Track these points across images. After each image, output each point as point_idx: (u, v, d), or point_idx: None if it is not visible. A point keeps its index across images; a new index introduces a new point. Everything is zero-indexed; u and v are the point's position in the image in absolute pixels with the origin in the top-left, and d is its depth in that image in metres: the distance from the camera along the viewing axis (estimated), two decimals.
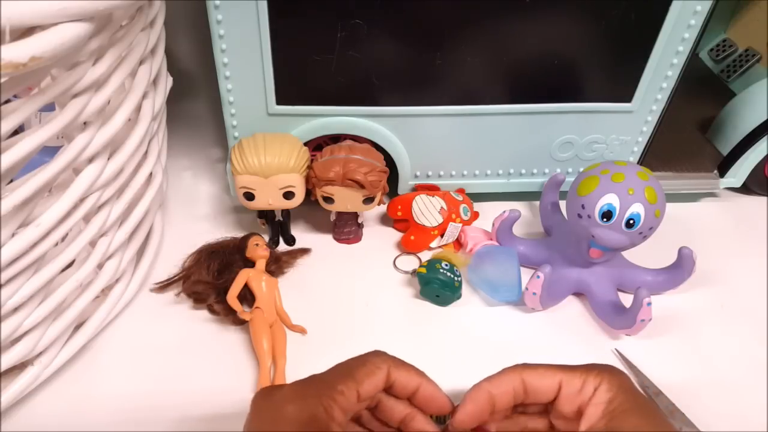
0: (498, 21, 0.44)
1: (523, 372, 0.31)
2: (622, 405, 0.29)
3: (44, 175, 0.31)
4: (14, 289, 0.33)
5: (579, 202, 0.44)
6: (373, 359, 0.32)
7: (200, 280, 0.46)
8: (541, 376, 0.31)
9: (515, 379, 0.31)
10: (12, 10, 0.25)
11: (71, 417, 0.39)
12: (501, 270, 0.48)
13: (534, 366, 0.32)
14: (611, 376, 0.30)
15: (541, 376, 0.31)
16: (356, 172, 0.46)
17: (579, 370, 0.31)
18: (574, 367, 0.31)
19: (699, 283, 0.50)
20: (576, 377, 0.31)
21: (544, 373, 0.31)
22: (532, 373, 0.31)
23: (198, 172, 0.60)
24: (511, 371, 0.32)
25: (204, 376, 0.42)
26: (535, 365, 0.32)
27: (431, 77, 0.47)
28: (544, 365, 0.32)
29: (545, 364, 0.32)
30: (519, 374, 0.31)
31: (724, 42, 0.71)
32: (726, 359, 0.46)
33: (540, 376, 0.31)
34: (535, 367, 0.32)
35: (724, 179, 0.59)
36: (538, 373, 0.31)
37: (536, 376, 0.31)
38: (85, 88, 0.32)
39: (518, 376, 0.31)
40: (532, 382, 0.31)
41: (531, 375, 0.31)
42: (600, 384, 0.30)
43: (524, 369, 0.32)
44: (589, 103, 0.50)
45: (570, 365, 0.32)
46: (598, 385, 0.30)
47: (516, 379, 0.31)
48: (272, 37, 0.43)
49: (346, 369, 0.31)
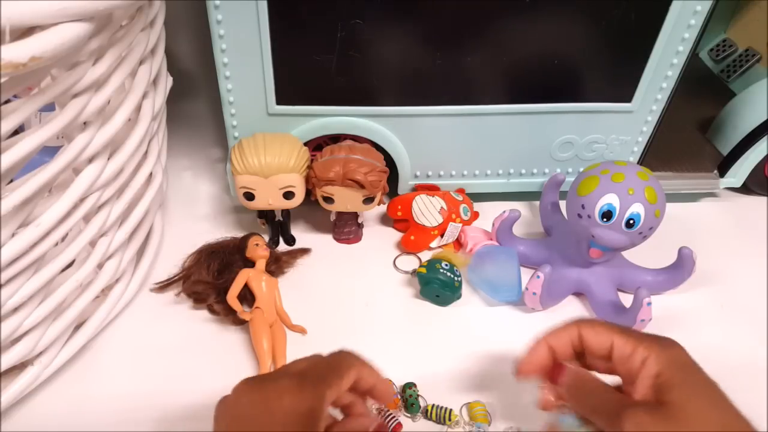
0: (498, 21, 0.44)
1: (581, 326, 0.33)
2: (669, 380, 0.29)
3: (44, 175, 0.31)
4: (14, 289, 0.33)
5: (579, 202, 0.44)
6: (348, 358, 0.33)
7: (200, 280, 0.46)
8: (597, 333, 0.32)
9: (573, 332, 0.33)
10: (12, 10, 0.25)
11: (71, 417, 0.39)
12: (501, 270, 0.48)
13: (591, 322, 0.33)
14: (660, 349, 0.31)
15: (597, 333, 0.32)
16: (356, 172, 0.46)
17: (633, 337, 0.32)
18: (629, 333, 0.32)
19: (699, 283, 0.50)
20: (628, 344, 0.31)
21: (600, 330, 0.32)
22: (589, 329, 0.33)
23: (198, 172, 0.60)
24: (571, 325, 0.33)
25: (204, 376, 0.42)
26: (592, 322, 0.33)
27: (431, 77, 0.47)
28: (601, 323, 0.33)
29: (603, 323, 0.33)
30: (577, 328, 0.33)
31: (724, 42, 0.71)
32: (726, 359, 0.46)
33: (596, 333, 0.32)
34: (593, 324, 0.33)
35: (724, 179, 0.59)
36: (594, 330, 0.33)
37: (592, 332, 0.33)
38: (85, 88, 0.32)
39: (576, 330, 0.33)
40: (588, 338, 0.33)
41: (588, 331, 0.33)
42: (648, 357, 0.30)
43: (583, 324, 0.33)
44: (589, 103, 0.50)
45: (627, 329, 0.33)
46: (646, 357, 0.31)
47: (574, 332, 0.33)
48: (272, 37, 0.43)
49: (330, 366, 0.32)
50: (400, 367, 0.43)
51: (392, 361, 0.44)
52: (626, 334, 0.32)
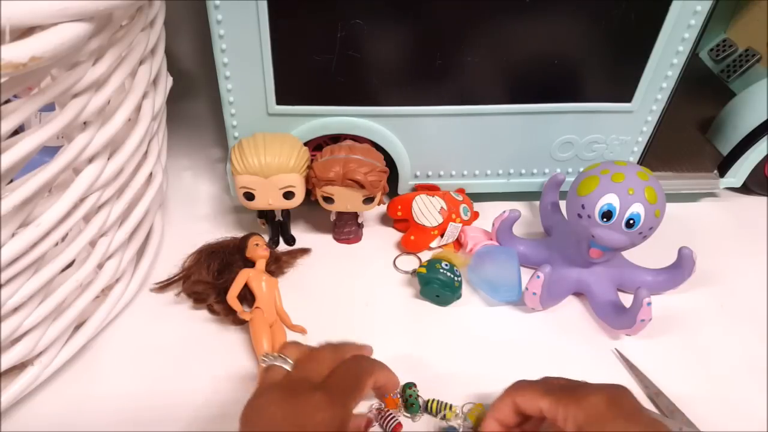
0: (498, 21, 0.44)
1: (514, 395, 0.35)
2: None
3: (44, 175, 0.31)
4: (14, 289, 0.33)
5: (579, 202, 0.44)
6: (366, 365, 0.36)
7: (200, 280, 0.46)
8: (526, 400, 0.34)
9: (509, 402, 0.35)
10: (12, 10, 0.25)
11: (71, 417, 0.39)
12: (501, 270, 0.48)
13: (523, 389, 0.35)
14: (576, 407, 0.32)
15: (526, 400, 0.34)
16: (356, 172, 0.46)
17: (554, 397, 0.33)
18: (551, 394, 0.33)
19: (699, 283, 0.50)
20: (551, 407, 0.33)
21: (528, 398, 0.34)
22: (520, 398, 0.35)
23: (198, 172, 0.60)
24: (507, 395, 0.35)
25: (204, 376, 0.42)
26: (525, 387, 0.35)
27: (431, 77, 0.47)
28: (532, 387, 0.35)
29: (533, 386, 0.35)
30: (511, 398, 0.35)
31: (724, 42, 0.71)
32: (726, 359, 0.46)
33: (525, 400, 0.34)
34: (523, 391, 0.35)
35: (724, 179, 0.59)
36: (524, 398, 0.34)
37: (523, 400, 0.35)
38: (85, 88, 0.32)
39: (511, 400, 0.35)
40: (522, 406, 0.35)
41: (519, 399, 0.35)
42: (567, 416, 0.32)
43: (516, 393, 0.35)
44: (589, 103, 0.50)
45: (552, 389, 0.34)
46: (566, 416, 0.32)
47: (510, 403, 0.35)
48: (272, 37, 0.43)
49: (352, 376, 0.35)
50: (399, 367, 0.43)
51: (392, 361, 0.44)
52: (548, 395, 0.33)
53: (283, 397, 0.32)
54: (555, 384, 0.35)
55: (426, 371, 0.43)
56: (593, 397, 0.32)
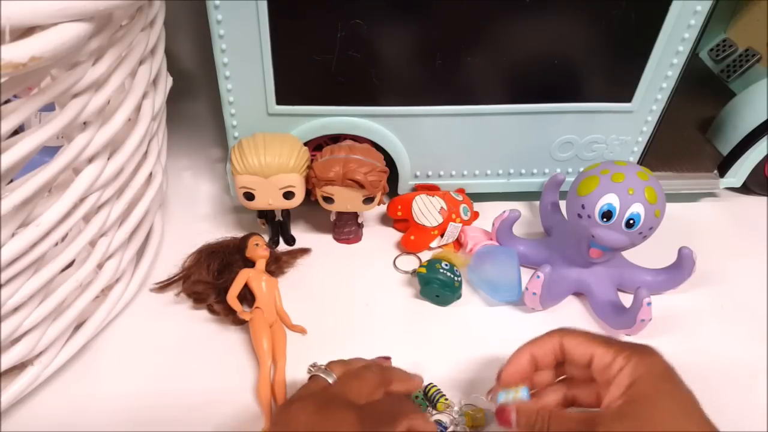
0: (498, 21, 0.44)
1: (563, 336, 0.34)
2: (642, 390, 0.30)
3: (44, 175, 0.31)
4: (14, 289, 0.33)
5: (579, 202, 0.44)
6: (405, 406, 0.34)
7: (200, 280, 0.46)
8: (578, 343, 0.33)
9: (555, 342, 0.34)
10: (12, 10, 0.25)
11: (71, 417, 0.39)
12: (501, 270, 0.48)
13: (573, 333, 0.34)
14: (640, 358, 0.32)
15: (578, 343, 0.33)
16: (356, 172, 0.46)
17: (613, 347, 0.33)
18: (609, 343, 0.33)
19: (699, 283, 0.50)
20: (608, 353, 0.32)
21: (581, 341, 0.33)
22: (571, 339, 0.34)
23: (198, 172, 0.60)
24: (553, 334, 0.35)
25: (204, 376, 0.42)
26: (574, 332, 0.34)
27: (431, 77, 0.47)
28: (583, 333, 0.34)
29: (585, 333, 0.34)
30: (559, 338, 0.34)
31: (724, 42, 0.71)
32: (726, 359, 0.46)
33: (577, 343, 0.33)
34: (575, 334, 0.34)
35: (724, 179, 0.59)
36: (576, 341, 0.34)
37: (574, 342, 0.34)
38: (85, 88, 0.32)
39: (558, 339, 0.34)
40: (569, 348, 0.34)
41: (569, 341, 0.34)
42: (625, 366, 0.31)
43: (564, 334, 0.34)
44: (589, 103, 0.50)
45: (609, 339, 0.34)
46: (624, 366, 0.31)
47: (556, 343, 0.34)
48: (272, 37, 0.43)
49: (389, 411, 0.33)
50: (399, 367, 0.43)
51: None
52: (607, 344, 0.33)
53: (316, 409, 0.32)
54: (607, 337, 0.34)
55: (426, 371, 0.43)
56: (656, 356, 0.32)
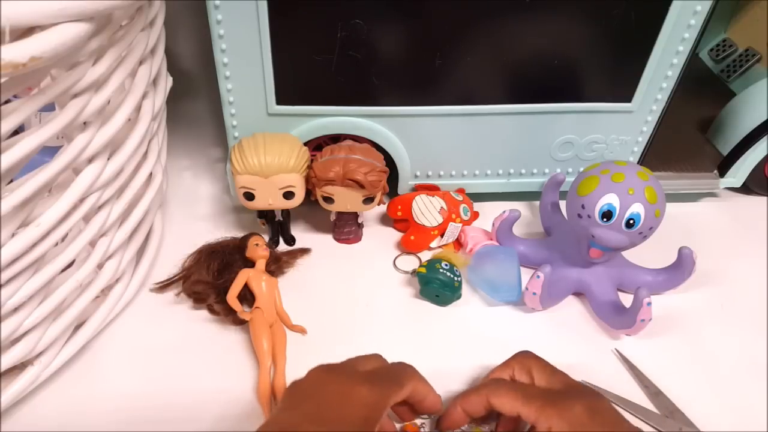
0: (498, 21, 0.44)
1: (489, 395, 0.35)
2: None
3: (44, 175, 0.31)
4: (14, 289, 0.33)
5: (579, 202, 0.44)
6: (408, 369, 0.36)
7: (200, 280, 0.46)
8: (503, 403, 0.35)
9: (483, 399, 0.35)
10: (12, 10, 0.25)
11: (71, 417, 0.39)
12: (501, 270, 0.48)
13: (499, 390, 0.35)
14: (560, 418, 0.32)
15: (503, 403, 0.35)
16: (356, 172, 0.46)
17: (535, 405, 0.33)
18: (532, 400, 0.34)
19: (699, 283, 0.50)
20: (531, 413, 0.33)
21: (505, 401, 0.35)
22: (496, 399, 0.35)
23: (198, 172, 0.60)
24: (481, 390, 0.36)
25: (204, 376, 0.42)
26: (500, 389, 0.35)
27: (431, 77, 0.47)
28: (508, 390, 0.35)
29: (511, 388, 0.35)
30: (486, 396, 0.35)
31: (724, 42, 0.71)
32: (726, 359, 0.46)
33: (502, 403, 0.35)
34: (500, 393, 0.35)
35: (724, 179, 0.59)
36: (501, 400, 0.35)
37: (499, 402, 0.35)
38: (85, 88, 0.32)
39: (485, 397, 0.35)
40: (497, 406, 0.35)
41: (494, 400, 0.35)
42: (553, 423, 0.32)
43: (490, 392, 0.35)
44: (589, 103, 0.50)
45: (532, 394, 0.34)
46: (552, 423, 0.32)
47: (483, 400, 0.35)
48: (272, 37, 0.43)
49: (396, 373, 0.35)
50: None
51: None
52: (529, 404, 0.34)
53: (330, 370, 0.33)
54: (533, 390, 0.35)
55: (426, 371, 0.43)
56: (576, 407, 0.32)
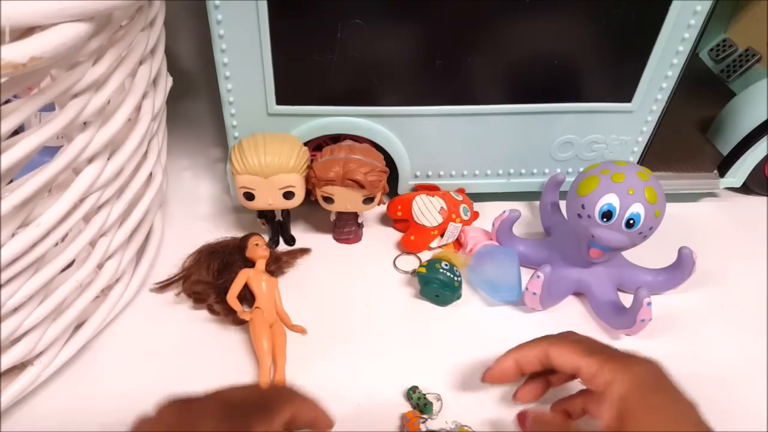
0: (498, 21, 0.44)
1: (548, 347, 0.34)
2: (632, 407, 0.30)
3: (44, 175, 0.31)
4: (14, 289, 0.33)
5: (579, 202, 0.44)
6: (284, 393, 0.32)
7: (200, 280, 0.46)
8: (563, 354, 0.33)
9: (541, 350, 0.34)
10: (12, 10, 0.25)
11: (71, 417, 0.39)
12: (501, 270, 0.48)
13: (560, 342, 0.34)
14: (624, 372, 0.31)
15: (563, 354, 0.33)
16: (356, 172, 0.46)
17: (598, 358, 0.32)
18: (594, 354, 0.33)
19: (699, 283, 0.50)
20: (592, 366, 0.32)
21: (566, 352, 0.33)
22: (556, 350, 0.34)
23: (198, 172, 0.60)
24: (539, 343, 0.35)
25: (204, 376, 0.42)
26: (561, 342, 0.34)
27: (431, 77, 0.47)
28: (570, 343, 0.34)
29: (571, 342, 0.34)
30: (545, 348, 0.34)
31: (724, 42, 0.71)
32: (726, 359, 0.46)
33: (561, 354, 0.33)
34: (560, 344, 0.34)
35: (724, 179, 0.59)
36: (560, 351, 0.33)
37: (558, 354, 0.33)
38: (85, 88, 0.32)
39: (543, 349, 0.34)
40: (554, 358, 0.34)
41: (554, 351, 0.34)
42: (612, 381, 0.31)
43: (551, 344, 0.34)
44: (589, 103, 0.50)
45: (593, 349, 0.33)
46: (611, 381, 0.31)
47: (541, 351, 0.34)
48: (272, 37, 0.43)
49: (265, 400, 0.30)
50: (399, 367, 0.43)
51: (392, 360, 0.44)
52: (591, 356, 0.33)
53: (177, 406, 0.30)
54: (594, 346, 0.34)
55: (426, 372, 0.43)
56: (641, 366, 0.32)
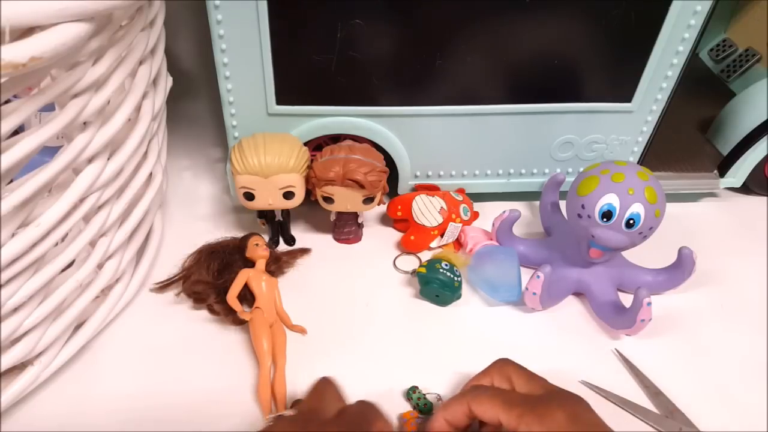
0: (498, 21, 0.44)
1: (470, 401, 0.35)
2: None
3: (44, 175, 0.31)
4: (14, 289, 0.33)
5: (579, 202, 0.44)
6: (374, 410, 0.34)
7: (200, 280, 0.46)
8: (484, 409, 0.34)
9: (465, 407, 0.35)
10: (12, 10, 0.25)
11: (71, 417, 0.39)
12: (501, 270, 0.48)
13: (480, 396, 0.35)
14: (543, 420, 0.32)
15: (484, 409, 0.34)
16: (356, 172, 0.46)
17: (516, 411, 0.33)
18: (512, 407, 0.33)
19: (699, 283, 0.50)
20: (512, 420, 0.33)
21: (486, 407, 0.34)
22: (476, 404, 0.34)
23: (198, 172, 0.60)
24: (462, 398, 0.35)
25: (204, 376, 0.42)
26: (481, 396, 0.35)
27: (431, 77, 0.47)
28: (489, 395, 0.35)
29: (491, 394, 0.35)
30: (467, 403, 0.35)
31: (724, 42, 0.71)
32: (726, 359, 0.46)
33: (482, 409, 0.34)
34: (481, 399, 0.35)
35: (724, 179, 0.59)
36: (482, 407, 0.34)
37: (480, 408, 0.34)
38: (85, 88, 0.32)
39: (467, 404, 0.35)
40: (477, 412, 0.34)
41: (476, 406, 0.34)
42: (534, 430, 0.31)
43: (472, 398, 0.35)
44: (589, 103, 0.50)
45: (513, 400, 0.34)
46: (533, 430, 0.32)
47: (465, 408, 0.35)
48: (272, 37, 0.43)
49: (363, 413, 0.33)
50: (399, 367, 0.43)
51: (392, 360, 0.44)
52: (510, 409, 0.33)
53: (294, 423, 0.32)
54: (514, 397, 0.35)
55: (426, 372, 0.43)
56: (557, 413, 0.32)
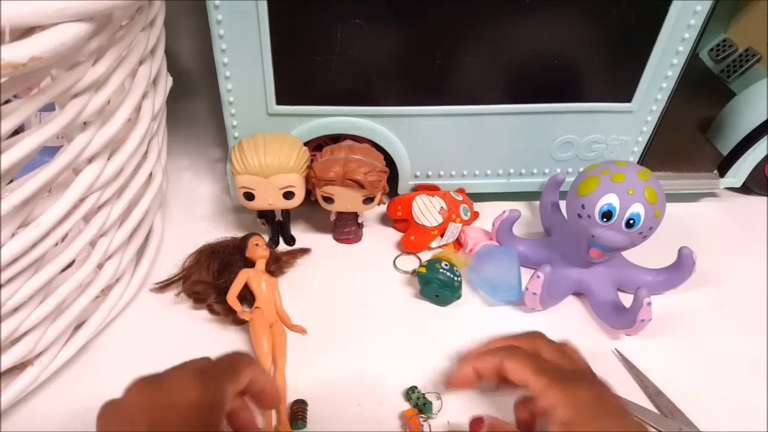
0: (498, 21, 0.44)
1: (504, 358, 0.35)
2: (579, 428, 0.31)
3: (44, 175, 0.31)
4: (14, 289, 0.33)
5: (579, 202, 0.44)
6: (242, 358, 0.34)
7: (200, 280, 0.46)
8: (516, 369, 0.34)
9: (497, 362, 0.35)
10: (12, 10, 0.25)
11: (71, 417, 0.39)
12: (501, 270, 0.48)
13: (514, 356, 0.35)
14: (569, 395, 0.32)
15: (516, 369, 0.34)
16: (356, 172, 0.46)
17: (546, 378, 0.33)
18: (543, 373, 0.33)
19: (699, 283, 0.50)
20: (540, 384, 0.33)
21: (518, 367, 0.34)
22: (510, 364, 0.35)
23: (198, 172, 0.60)
24: (498, 353, 0.35)
25: None
26: (516, 356, 0.35)
27: (431, 77, 0.47)
28: (525, 358, 0.35)
29: (526, 356, 0.35)
30: (501, 360, 0.35)
31: (724, 42, 0.71)
32: (726, 359, 0.46)
33: (515, 368, 0.34)
34: (515, 358, 0.35)
35: (724, 179, 0.59)
36: (514, 365, 0.34)
37: (512, 367, 0.34)
38: (85, 88, 0.32)
39: (500, 361, 0.35)
40: (508, 371, 0.35)
41: (508, 364, 0.35)
42: (557, 405, 0.32)
43: (506, 357, 0.35)
44: (589, 103, 0.50)
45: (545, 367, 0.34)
46: (556, 404, 0.32)
47: (498, 363, 0.35)
48: (272, 37, 0.43)
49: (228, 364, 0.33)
50: (399, 367, 0.43)
51: (392, 361, 0.44)
52: (541, 375, 0.33)
53: (148, 384, 0.31)
54: (547, 365, 0.35)
55: (426, 372, 0.43)
56: (583, 392, 0.32)
